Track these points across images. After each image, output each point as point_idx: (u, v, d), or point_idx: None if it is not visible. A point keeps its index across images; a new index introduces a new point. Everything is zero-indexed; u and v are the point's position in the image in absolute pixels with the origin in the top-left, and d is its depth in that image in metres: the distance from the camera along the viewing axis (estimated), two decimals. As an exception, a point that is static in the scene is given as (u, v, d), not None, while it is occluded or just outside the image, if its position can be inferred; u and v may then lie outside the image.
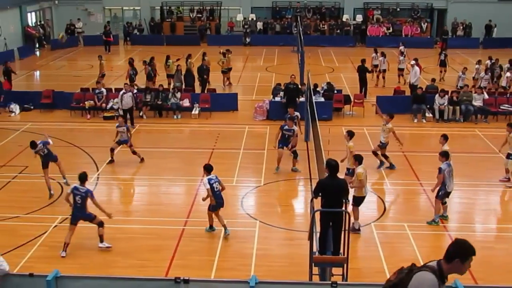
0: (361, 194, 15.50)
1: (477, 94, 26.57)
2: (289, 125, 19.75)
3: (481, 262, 14.29)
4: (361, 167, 15.45)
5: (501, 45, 43.28)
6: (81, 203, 14.21)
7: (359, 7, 51.01)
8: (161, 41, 47.31)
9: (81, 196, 14.23)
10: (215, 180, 15.39)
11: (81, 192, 14.27)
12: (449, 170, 15.79)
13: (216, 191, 15.26)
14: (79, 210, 14.28)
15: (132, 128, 24.49)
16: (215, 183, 15.33)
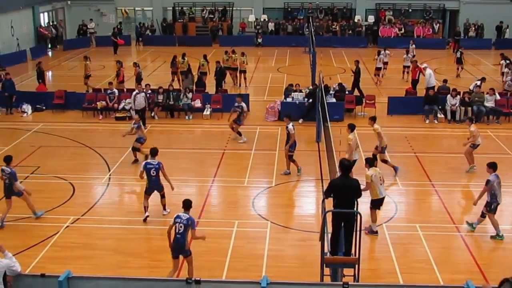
0: (376, 196, 15.37)
1: (489, 95, 26.46)
2: None
3: (493, 262, 14.32)
4: (372, 169, 15.35)
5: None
6: (155, 175, 15.92)
7: (371, 8, 50.91)
8: (173, 41, 47.42)
9: (155, 169, 16.02)
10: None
11: (154, 165, 16.06)
12: (498, 181, 15.37)
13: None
14: (154, 182, 16.09)
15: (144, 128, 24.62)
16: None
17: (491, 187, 15.27)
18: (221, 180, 19.51)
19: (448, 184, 19.16)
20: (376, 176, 15.28)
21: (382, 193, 15.51)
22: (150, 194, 16.39)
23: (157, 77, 33.62)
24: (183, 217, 12.63)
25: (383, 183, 15.57)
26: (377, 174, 15.39)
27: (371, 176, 15.11)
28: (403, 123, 25.77)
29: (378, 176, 15.36)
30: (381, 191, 15.47)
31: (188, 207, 12.86)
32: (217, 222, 16.31)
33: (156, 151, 16.47)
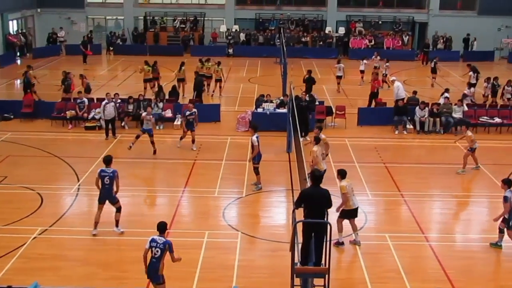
0: (350, 207, 15.42)
1: (457, 106, 26.81)
2: None
3: (462, 271, 14.45)
4: (344, 180, 15.42)
5: (481, 58, 43.77)
6: (109, 183, 15.48)
7: (341, 19, 51.31)
8: (144, 51, 47.19)
9: (109, 177, 15.66)
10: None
11: (108, 173, 15.72)
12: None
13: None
14: (107, 190, 15.56)
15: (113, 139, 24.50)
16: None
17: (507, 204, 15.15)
18: (192, 190, 19.45)
19: (417, 194, 19.34)
20: (349, 187, 15.38)
21: (355, 204, 15.57)
22: (103, 203, 15.91)
23: (127, 86, 33.45)
24: (159, 241, 12.01)
25: (354, 194, 15.67)
26: (350, 185, 15.50)
27: (346, 186, 15.19)
28: (373, 133, 25.97)
29: (350, 186, 15.48)
30: (354, 202, 15.54)
31: (163, 230, 12.23)
32: (187, 232, 16.25)
33: (110, 159, 16.06)
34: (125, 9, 51.34)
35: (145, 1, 53.22)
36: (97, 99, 27.72)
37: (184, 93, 31.90)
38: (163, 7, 52.32)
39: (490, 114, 27.36)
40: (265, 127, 24.84)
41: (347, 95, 33.06)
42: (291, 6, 52.37)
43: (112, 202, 15.96)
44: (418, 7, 52.30)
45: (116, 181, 15.78)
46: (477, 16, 50.65)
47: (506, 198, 15.17)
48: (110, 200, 15.93)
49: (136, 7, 51.77)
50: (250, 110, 27.13)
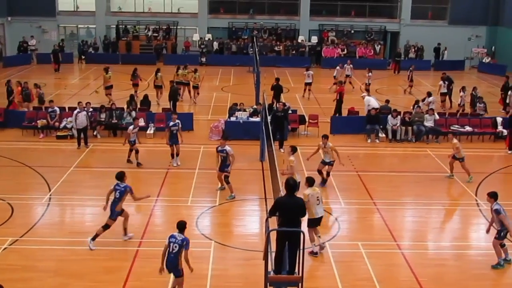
0: (312, 216, 15.31)
1: (429, 115, 27.06)
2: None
3: (433, 279, 14.56)
4: (309, 189, 15.41)
5: (451, 68, 44.27)
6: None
7: (314, 28, 51.61)
8: (116, 59, 47.02)
9: (120, 191, 15.72)
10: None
11: (120, 188, 15.81)
12: (503, 208, 15.16)
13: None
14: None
15: (86, 148, 24.32)
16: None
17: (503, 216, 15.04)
18: (165, 199, 19.38)
19: (389, 202, 19.47)
20: (313, 196, 15.32)
21: (318, 213, 15.50)
22: (114, 220, 15.92)
23: (100, 96, 33.23)
24: (178, 238, 12.75)
25: (320, 203, 15.57)
26: (315, 194, 15.43)
27: (308, 195, 15.16)
28: (346, 142, 26.09)
29: (315, 196, 15.41)
30: (317, 211, 15.45)
31: (182, 229, 12.93)
32: (160, 242, 16.09)
33: (122, 175, 16.12)
34: (97, 17, 51.09)
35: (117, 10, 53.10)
36: (69, 108, 27.49)
37: (159, 100, 31.94)
38: (135, 15, 52.20)
39: (461, 123, 27.67)
40: (238, 135, 24.95)
41: (319, 104, 33.20)
42: (264, 15, 52.58)
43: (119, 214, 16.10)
44: (390, 17, 52.84)
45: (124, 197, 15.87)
46: (448, 26, 51.39)
47: (498, 211, 15.03)
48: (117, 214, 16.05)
49: (108, 16, 51.54)
50: (223, 118, 27.12)
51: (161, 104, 31.29)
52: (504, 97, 33.36)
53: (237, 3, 52.51)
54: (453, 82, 33.88)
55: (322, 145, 20.32)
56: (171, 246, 12.77)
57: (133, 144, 22.38)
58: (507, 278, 14.96)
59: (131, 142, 22.33)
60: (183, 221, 13.17)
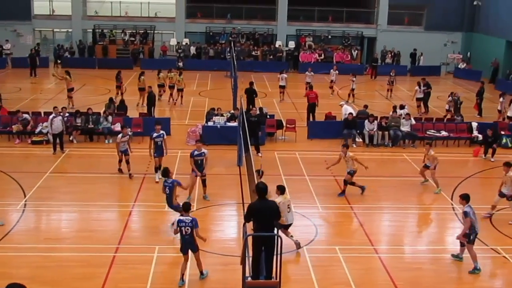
0: (283, 222, 15.39)
1: (405, 120, 27.26)
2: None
3: (409, 283, 14.65)
4: (281, 196, 15.52)
5: (427, 73, 44.56)
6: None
7: (292, 33, 51.74)
8: (93, 64, 46.76)
9: (169, 187, 16.66)
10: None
11: (168, 184, 16.68)
12: (473, 212, 15.34)
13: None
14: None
15: (61, 153, 24.12)
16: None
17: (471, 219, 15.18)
18: (142, 205, 19.27)
19: (366, 206, 19.55)
20: (284, 204, 15.41)
21: (288, 220, 15.72)
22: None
23: (75, 100, 33.00)
24: (187, 221, 13.77)
25: (290, 211, 15.77)
26: (286, 201, 15.57)
27: (279, 203, 14.98)
28: (323, 147, 26.18)
29: (286, 203, 15.54)
30: (288, 218, 15.64)
31: (188, 209, 14.12)
32: (137, 247, 16.07)
33: (167, 171, 16.93)
34: (73, 21, 50.71)
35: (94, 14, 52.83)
36: (45, 113, 27.25)
37: (144, 102, 31.95)
38: (112, 19, 51.94)
39: (437, 128, 27.90)
40: (215, 140, 24.91)
41: (297, 109, 33.28)
42: (242, 20, 52.60)
43: (176, 211, 16.50)
44: (367, 22, 53.13)
45: (175, 190, 16.71)
46: (424, 31, 51.85)
47: (466, 213, 15.20)
48: (173, 209, 16.79)
49: (84, 20, 51.26)
50: (201, 123, 27.07)
51: (144, 107, 31.30)
52: (479, 103, 33.73)
53: (215, 8, 52.44)
54: (431, 88, 34.13)
55: (343, 155, 20.31)
56: (183, 230, 13.75)
57: (125, 154, 21.55)
58: (481, 281, 15.08)
59: (122, 152, 21.53)
60: (188, 202, 14.66)
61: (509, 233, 17.62)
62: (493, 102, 36.93)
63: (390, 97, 37.87)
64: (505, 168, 18.46)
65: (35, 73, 42.39)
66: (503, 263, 15.95)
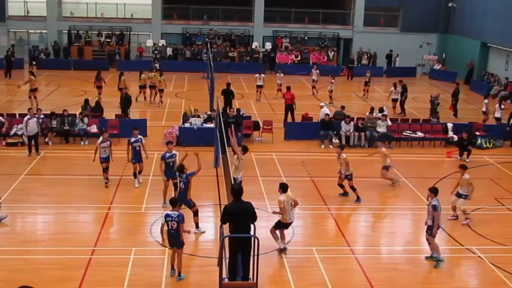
0: (285, 220, 15.69)
1: (381, 121, 27.42)
2: None
3: (386, 283, 14.74)
4: (284, 195, 15.59)
5: (403, 74, 44.85)
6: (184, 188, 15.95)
7: (268, 35, 51.80)
8: (68, 65, 46.43)
9: (184, 182, 16.86)
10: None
11: (183, 179, 16.92)
12: (440, 206, 15.75)
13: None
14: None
15: (37, 155, 23.94)
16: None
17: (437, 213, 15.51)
18: (118, 206, 19.19)
19: (342, 207, 19.67)
20: (288, 202, 15.56)
21: (290, 219, 15.81)
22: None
23: (51, 102, 32.80)
24: (174, 215, 14.06)
25: (293, 209, 15.91)
26: (289, 200, 15.65)
27: (283, 201, 15.41)
28: (300, 148, 26.26)
29: (289, 201, 15.65)
30: (290, 216, 15.76)
31: (175, 204, 14.35)
32: (114, 250, 16.00)
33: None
34: (48, 22, 50.26)
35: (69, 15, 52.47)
36: (19, 114, 26.99)
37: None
38: (88, 21, 51.61)
39: (413, 129, 28.11)
40: (192, 142, 24.87)
41: (274, 110, 33.34)
42: (218, 21, 52.59)
43: (189, 206, 16.95)
44: (343, 24, 53.36)
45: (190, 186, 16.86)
46: (400, 33, 52.20)
47: (435, 207, 15.49)
48: (186, 205, 16.68)
49: (60, 21, 50.81)
50: (177, 125, 27.01)
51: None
52: (455, 104, 34.02)
53: (191, 9, 52.34)
54: (407, 91, 34.19)
55: (337, 156, 20.32)
56: (169, 224, 14.06)
57: (105, 161, 20.57)
58: (457, 281, 15.24)
59: (103, 159, 20.54)
60: (175, 197, 15.18)
61: (484, 233, 17.82)
62: (468, 103, 37.41)
63: (366, 98, 38.10)
64: (460, 170, 18.67)
65: (10, 74, 41.97)
66: (479, 263, 16.11)
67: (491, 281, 15.21)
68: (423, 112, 32.94)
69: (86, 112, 27.39)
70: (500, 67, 43.50)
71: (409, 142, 27.53)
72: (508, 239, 17.58)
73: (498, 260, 16.12)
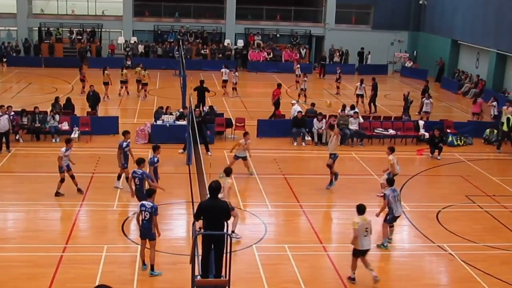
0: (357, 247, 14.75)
1: (353, 118, 27.56)
2: None
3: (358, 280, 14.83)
4: (359, 217, 14.85)
5: (375, 71, 45.11)
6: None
7: (240, 32, 51.79)
8: (39, 63, 45.93)
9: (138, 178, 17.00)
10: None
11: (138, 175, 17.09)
12: (393, 195, 16.33)
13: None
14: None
15: (7, 153, 23.69)
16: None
17: (388, 201, 16.35)
18: (90, 204, 19.05)
19: (315, 204, 19.73)
20: (362, 225, 14.73)
21: (364, 246, 14.77)
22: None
23: (22, 99, 32.46)
24: (148, 206, 14.29)
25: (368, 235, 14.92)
26: (364, 224, 14.77)
27: (357, 223, 14.62)
28: (272, 145, 26.30)
29: (364, 226, 14.80)
30: (363, 243, 14.75)
31: (150, 195, 14.81)
32: (85, 247, 15.91)
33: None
34: (18, 19, 49.64)
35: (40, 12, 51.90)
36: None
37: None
38: (58, 18, 51.06)
39: (384, 126, 28.29)
40: (165, 139, 24.76)
41: (246, 107, 33.36)
42: (190, 19, 52.39)
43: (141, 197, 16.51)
44: (315, 21, 53.54)
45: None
46: (371, 30, 52.46)
47: (385, 195, 16.66)
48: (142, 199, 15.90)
49: (30, 18, 50.24)
50: (149, 122, 26.89)
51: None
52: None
53: (163, 6, 52.09)
54: (377, 89, 34.13)
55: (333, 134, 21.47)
56: (143, 214, 14.29)
57: (68, 170, 19.58)
58: (428, 278, 15.38)
59: (65, 167, 19.54)
60: (151, 188, 15.65)
61: (455, 230, 18.00)
62: (439, 101, 37.73)
63: (337, 94, 38.26)
64: (388, 151, 20.35)
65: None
66: (450, 260, 16.27)
67: (461, 278, 15.39)
68: (394, 109, 33.14)
69: (56, 109, 27.12)
70: (471, 65, 44.01)
71: (381, 139, 27.70)
72: (478, 236, 17.79)
73: (468, 257, 16.31)
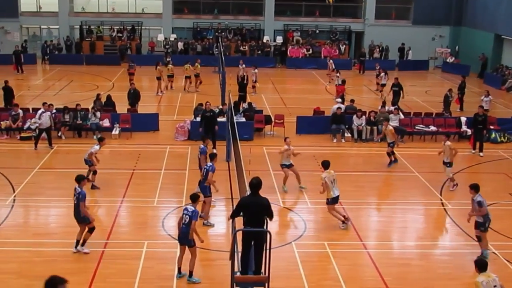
0: (329, 196, 17.34)
1: (394, 115, 27.29)
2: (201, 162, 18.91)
3: (397, 278, 14.69)
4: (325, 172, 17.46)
5: (415, 68, 44.68)
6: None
7: (279, 28, 51.70)
8: (80, 60, 46.53)
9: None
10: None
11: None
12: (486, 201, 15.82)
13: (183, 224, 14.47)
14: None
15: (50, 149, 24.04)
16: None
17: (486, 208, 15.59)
18: (130, 200, 19.24)
19: (355, 202, 19.57)
20: (329, 178, 17.20)
21: (335, 193, 17.32)
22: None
23: (63, 96, 32.91)
24: (189, 210, 13.89)
25: (335, 184, 17.35)
26: (330, 176, 17.30)
27: (324, 178, 17.01)
28: (311, 142, 26.20)
29: (330, 178, 17.13)
30: (334, 191, 17.26)
31: (195, 200, 14.22)
32: (126, 243, 16.06)
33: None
34: (60, 18, 50.40)
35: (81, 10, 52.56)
36: (33, 109, 27.11)
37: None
38: (99, 16, 51.70)
39: (425, 123, 27.95)
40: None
41: (285, 104, 33.30)
42: (229, 16, 52.53)
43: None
44: (354, 17, 53.20)
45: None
46: (412, 26, 51.84)
47: (481, 203, 15.49)
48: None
49: (71, 16, 50.98)
50: (189, 119, 27.02)
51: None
52: (461, 97, 33.79)
53: (202, 4, 52.36)
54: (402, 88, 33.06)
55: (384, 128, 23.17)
56: (184, 218, 13.94)
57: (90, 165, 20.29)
58: (470, 277, 15.08)
59: (91, 162, 20.21)
60: (196, 193, 14.69)
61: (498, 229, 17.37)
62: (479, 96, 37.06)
63: (378, 91, 37.92)
64: (444, 138, 21.23)
65: (21, 69, 42.03)
66: (493, 259, 15.85)
67: (505, 277, 15.02)
68: (436, 106, 32.71)
69: (97, 107, 27.45)
70: (515, 60, 43.13)
71: (422, 136, 27.38)
72: (522, 234, 17.46)
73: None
